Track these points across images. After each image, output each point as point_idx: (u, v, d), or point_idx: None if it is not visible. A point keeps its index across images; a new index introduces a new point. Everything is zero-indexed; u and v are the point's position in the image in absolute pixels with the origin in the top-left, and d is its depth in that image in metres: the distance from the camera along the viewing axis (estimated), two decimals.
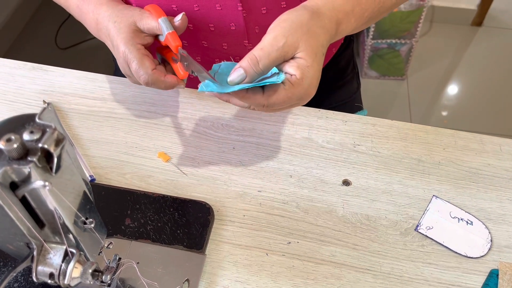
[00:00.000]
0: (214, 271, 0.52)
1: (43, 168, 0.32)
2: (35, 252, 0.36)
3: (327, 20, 0.50)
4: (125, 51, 0.54)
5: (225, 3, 0.61)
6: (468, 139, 0.64)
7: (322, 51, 0.49)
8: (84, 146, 0.62)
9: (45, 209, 0.35)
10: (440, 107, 1.85)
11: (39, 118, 0.33)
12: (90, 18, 0.59)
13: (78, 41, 1.91)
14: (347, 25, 0.53)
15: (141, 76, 0.54)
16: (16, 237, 0.36)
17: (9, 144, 0.30)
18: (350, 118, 0.66)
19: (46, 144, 0.31)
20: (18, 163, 0.31)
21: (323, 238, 0.55)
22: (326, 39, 0.50)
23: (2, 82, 0.69)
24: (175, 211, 0.55)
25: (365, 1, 0.54)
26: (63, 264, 0.37)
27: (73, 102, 0.67)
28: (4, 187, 0.31)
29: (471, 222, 0.56)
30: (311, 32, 0.48)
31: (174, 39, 0.54)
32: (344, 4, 0.52)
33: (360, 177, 0.60)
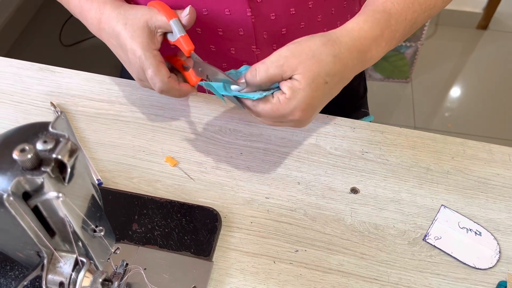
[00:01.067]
0: (222, 278, 0.52)
1: (56, 178, 0.32)
2: (46, 260, 0.36)
3: (344, 49, 0.49)
4: (141, 56, 0.54)
5: (234, 8, 0.61)
6: (477, 148, 0.63)
7: (324, 78, 0.49)
8: (91, 149, 0.62)
9: (56, 218, 0.35)
10: (444, 110, 1.84)
11: (52, 127, 0.33)
12: (92, 16, 0.58)
13: (83, 38, 1.90)
14: (377, 50, 0.52)
15: (156, 83, 0.54)
16: (27, 246, 0.35)
17: (23, 154, 0.30)
18: (358, 125, 0.66)
19: (60, 154, 0.31)
20: (31, 173, 0.31)
21: (331, 246, 0.54)
22: (336, 68, 0.49)
23: (9, 82, 0.69)
24: (183, 217, 0.55)
25: (394, 23, 0.53)
26: (73, 273, 0.36)
27: (80, 104, 0.67)
28: (17, 197, 0.31)
29: (480, 232, 0.56)
30: (316, 58, 0.48)
31: (187, 43, 0.54)
32: (371, 31, 0.51)
33: (368, 185, 0.60)
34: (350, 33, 0.51)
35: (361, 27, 0.51)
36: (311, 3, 0.64)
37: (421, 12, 0.56)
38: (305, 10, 0.65)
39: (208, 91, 0.58)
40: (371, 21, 0.52)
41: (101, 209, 0.41)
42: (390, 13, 0.53)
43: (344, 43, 0.50)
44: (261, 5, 0.61)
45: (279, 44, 0.67)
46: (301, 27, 0.66)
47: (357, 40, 0.50)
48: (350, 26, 0.52)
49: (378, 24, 0.52)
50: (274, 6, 0.62)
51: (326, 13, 0.67)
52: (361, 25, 0.52)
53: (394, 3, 0.54)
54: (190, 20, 0.56)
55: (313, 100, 0.49)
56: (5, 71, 0.70)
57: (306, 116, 0.50)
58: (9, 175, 0.31)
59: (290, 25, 0.65)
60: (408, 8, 0.54)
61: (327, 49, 0.49)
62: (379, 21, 0.52)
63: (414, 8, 0.55)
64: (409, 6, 0.55)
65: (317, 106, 0.50)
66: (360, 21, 0.52)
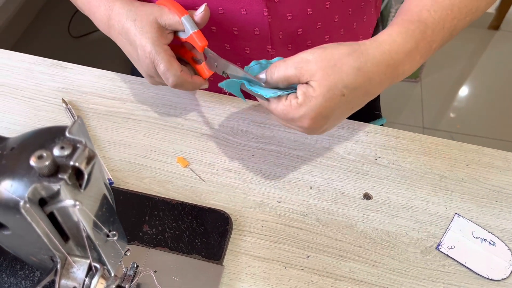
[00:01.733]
0: (232, 283, 0.51)
1: (73, 185, 0.31)
2: (59, 265, 0.36)
3: (370, 63, 0.46)
4: (151, 51, 0.53)
5: (251, 8, 0.60)
6: (492, 156, 0.62)
7: (342, 90, 0.46)
8: (103, 147, 0.62)
9: (70, 224, 0.34)
10: (453, 111, 1.83)
11: (69, 132, 0.32)
12: (101, 13, 0.58)
13: (91, 30, 1.89)
14: (411, 64, 0.49)
15: (169, 78, 0.53)
16: (41, 251, 0.35)
17: (41, 161, 0.30)
18: (372, 129, 0.65)
19: (78, 162, 0.30)
20: (48, 180, 0.30)
21: (343, 253, 0.54)
22: (358, 81, 0.46)
23: (21, 78, 0.68)
24: (194, 219, 0.55)
25: (431, 33, 0.49)
26: (87, 279, 0.36)
27: (91, 101, 0.66)
28: (33, 203, 0.30)
29: (494, 243, 0.55)
30: (337, 67, 0.46)
31: (200, 39, 0.54)
32: (404, 44, 0.48)
33: (381, 191, 0.59)
34: (380, 46, 0.48)
35: (394, 40, 0.48)
36: (329, 3, 0.64)
37: (461, 18, 0.51)
38: (322, 10, 0.64)
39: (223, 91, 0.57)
40: (405, 32, 0.48)
41: (115, 212, 0.40)
42: (426, 23, 0.49)
43: (371, 56, 0.47)
44: (278, 5, 0.60)
45: (294, 44, 0.67)
46: (318, 27, 0.66)
47: (387, 54, 0.47)
48: (382, 38, 0.48)
49: (412, 36, 0.48)
50: (291, 6, 0.61)
51: (343, 14, 0.66)
52: (394, 37, 0.48)
53: (430, 11, 0.50)
54: (204, 18, 0.55)
55: (325, 110, 0.47)
56: (18, 66, 0.70)
57: (316, 125, 0.48)
58: (25, 181, 0.31)
59: (307, 26, 0.64)
60: (446, 15, 0.50)
61: (350, 60, 0.46)
62: (414, 33, 0.48)
63: (454, 14, 0.51)
64: (448, 13, 0.50)
65: (329, 117, 0.48)
66: (394, 33, 0.48)
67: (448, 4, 0.51)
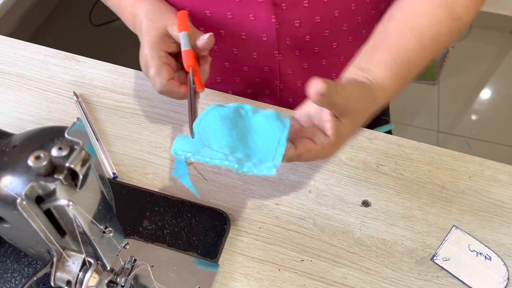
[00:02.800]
0: (226, 281, 0.53)
1: (68, 185, 0.33)
2: (55, 258, 0.37)
3: (375, 108, 0.49)
4: (147, 54, 0.54)
5: (259, 14, 0.60)
6: (496, 169, 0.62)
7: (354, 129, 0.49)
8: (110, 142, 0.63)
9: (67, 220, 0.36)
10: (470, 116, 1.80)
11: (68, 133, 0.34)
12: (129, 11, 0.59)
13: (112, 18, 1.92)
14: (384, 102, 0.52)
15: (156, 84, 0.54)
16: (38, 244, 0.37)
17: (38, 161, 0.31)
18: (376, 136, 0.65)
19: (73, 164, 0.32)
20: (45, 179, 0.32)
21: (337, 259, 0.54)
22: (371, 110, 0.49)
23: (36, 69, 0.70)
24: (193, 217, 0.56)
25: (411, 77, 0.52)
26: (81, 273, 0.38)
27: (102, 95, 0.68)
28: (30, 200, 0.32)
29: (490, 257, 0.55)
30: (365, 112, 0.48)
31: (187, 58, 0.53)
32: (393, 89, 0.51)
33: (380, 199, 0.59)
34: (383, 90, 0.49)
35: (390, 84, 0.50)
36: (337, 12, 0.63)
37: (435, 53, 0.54)
38: (331, 18, 0.64)
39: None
40: (394, 79, 0.50)
41: (112, 210, 0.42)
42: (409, 69, 0.52)
43: (377, 103, 0.49)
44: (286, 12, 0.61)
45: (301, 50, 0.67)
46: (325, 35, 0.66)
47: (382, 98, 0.50)
48: (381, 81, 0.49)
49: (397, 81, 0.51)
50: (299, 13, 0.61)
51: (352, 22, 0.66)
52: (385, 84, 0.50)
53: (417, 55, 0.52)
54: (205, 47, 0.54)
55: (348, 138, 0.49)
56: (33, 58, 0.72)
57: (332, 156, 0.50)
58: (24, 179, 0.32)
59: (314, 33, 0.65)
60: (424, 58, 0.53)
61: (370, 107, 0.49)
62: (398, 78, 0.51)
63: (431, 56, 0.53)
64: (426, 56, 0.53)
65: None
66: (385, 78, 0.50)
67: (429, 47, 0.53)
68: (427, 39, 0.52)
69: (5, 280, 0.50)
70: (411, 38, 0.52)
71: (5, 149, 0.35)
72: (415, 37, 0.52)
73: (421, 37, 0.52)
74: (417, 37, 0.52)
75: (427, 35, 0.52)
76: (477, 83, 1.88)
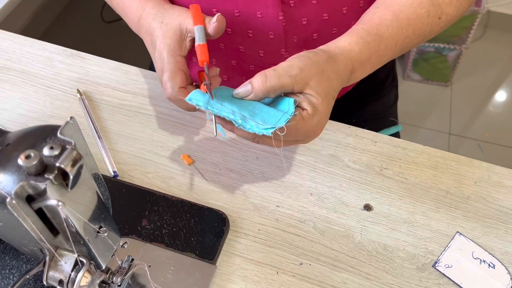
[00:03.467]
0: (223, 283, 0.52)
1: (59, 184, 0.33)
2: (47, 258, 0.37)
3: (342, 66, 0.50)
4: (164, 59, 0.53)
5: (266, 11, 0.60)
6: (503, 175, 0.61)
7: (333, 94, 0.49)
8: (112, 140, 0.63)
9: (59, 220, 0.36)
10: (483, 118, 1.77)
11: (60, 133, 0.33)
12: (133, 13, 0.59)
13: None
14: (362, 73, 0.53)
15: (167, 89, 0.53)
16: (31, 243, 0.37)
17: (28, 161, 0.31)
18: (380, 139, 0.64)
19: (63, 164, 0.31)
20: (35, 179, 0.32)
21: (336, 263, 0.54)
22: (338, 84, 0.50)
23: (41, 66, 0.71)
24: (192, 218, 0.56)
25: (384, 48, 0.53)
26: (73, 273, 0.37)
27: (105, 93, 0.68)
28: (20, 200, 0.32)
29: (494, 265, 0.54)
30: (324, 73, 0.48)
31: (201, 53, 0.52)
32: (360, 54, 0.51)
33: (382, 203, 0.58)
34: (343, 52, 0.51)
35: (352, 48, 0.51)
36: (345, 9, 0.63)
37: (413, 37, 0.55)
38: (339, 16, 0.63)
39: None
40: (362, 43, 0.52)
41: (107, 209, 0.42)
42: (381, 37, 0.53)
43: (340, 61, 0.50)
44: (293, 10, 0.60)
45: (309, 48, 0.66)
46: (333, 32, 0.65)
47: (348, 60, 0.51)
48: (342, 45, 0.51)
49: (368, 47, 0.52)
50: (307, 11, 0.61)
51: None
52: (352, 46, 0.51)
53: (388, 26, 0.53)
54: (217, 29, 0.53)
55: (327, 114, 0.49)
56: (39, 55, 0.72)
57: (319, 132, 0.50)
58: (14, 178, 0.32)
59: (322, 30, 0.64)
60: (401, 33, 0.54)
61: (330, 66, 0.49)
62: (369, 45, 0.52)
63: (408, 33, 0.54)
64: (403, 31, 0.54)
65: (327, 120, 0.50)
66: (352, 41, 0.52)
67: (405, 23, 0.54)
68: (403, 16, 0.54)
69: (3, 276, 0.50)
70: (386, 12, 0.54)
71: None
72: (390, 12, 0.54)
73: (396, 12, 0.54)
74: (392, 12, 0.54)
75: (403, 12, 0.54)
76: (491, 85, 1.85)
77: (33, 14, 1.70)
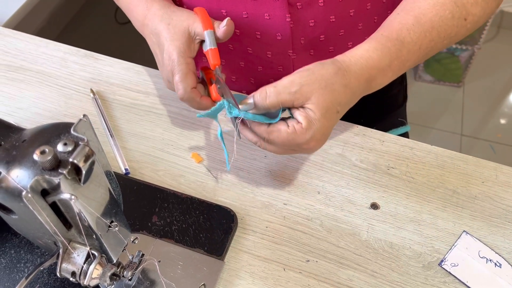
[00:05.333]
0: (231, 279, 0.53)
1: (72, 179, 0.34)
2: (61, 250, 0.39)
3: (353, 78, 0.49)
4: (174, 60, 0.55)
5: (274, 13, 0.61)
6: (510, 175, 0.61)
7: (336, 108, 0.49)
8: (123, 138, 0.65)
9: (72, 213, 0.37)
10: (495, 119, 1.76)
11: (74, 130, 0.35)
12: (139, 12, 0.60)
13: None
14: (383, 80, 0.52)
15: (179, 90, 0.55)
16: (45, 236, 0.38)
17: (43, 156, 0.32)
18: (388, 138, 0.65)
19: (76, 159, 0.33)
20: (49, 173, 0.33)
21: (343, 260, 0.54)
22: (347, 97, 0.49)
23: (56, 66, 0.73)
24: (201, 214, 0.57)
25: (406, 53, 0.52)
26: (85, 265, 0.39)
27: (117, 92, 0.69)
28: (36, 193, 0.33)
29: (500, 264, 0.54)
30: (329, 87, 0.48)
31: (214, 57, 0.54)
32: (379, 61, 0.50)
33: (389, 202, 0.59)
34: (358, 62, 0.50)
35: (370, 56, 0.50)
36: (353, 11, 0.63)
37: (439, 41, 0.54)
38: (346, 18, 0.64)
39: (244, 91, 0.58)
40: (381, 49, 0.51)
41: (118, 205, 0.43)
42: (403, 43, 0.52)
43: (353, 72, 0.49)
44: (301, 12, 0.61)
45: (316, 49, 0.67)
46: (340, 34, 0.66)
47: (365, 70, 0.50)
48: (359, 54, 0.51)
49: (388, 54, 0.51)
50: (314, 13, 0.61)
51: (367, 21, 0.66)
52: (370, 53, 0.50)
53: (410, 31, 0.52)
54: (226, 33, 0.55)
55: (327, 129, 0.49)
56: (54, 55, 0.74)
57: (319, 145, 0.50)
58: (29, 173, 0.33)
59: (329, 32, 0.65)
60: (424, 37, 0.52)
61: (338, 79, 0.48)
62: (390, 51, 0.51)
63: (432, 37, 0.53)
64: (426, 35, 0.53)
65: (328, 134, 0.50)
66: (370, 49, 0.51)
67: (428, 27, 0.53)
68: (425, 19, 0.52)
69: (18, 270, 0.52)
70: (406, 17, 0.53)
71: (15, 143, 0.37)
72: (411, 16, 0.53)
73: (418, 16, 0.53)
74: (414, 16, 0.53)
75: (425, 16, 0.53)
76: (503, 86, 1.83)
77: (49, 16, 1.73)
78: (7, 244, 0.53)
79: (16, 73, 0.72)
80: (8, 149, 0.36)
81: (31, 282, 0.52)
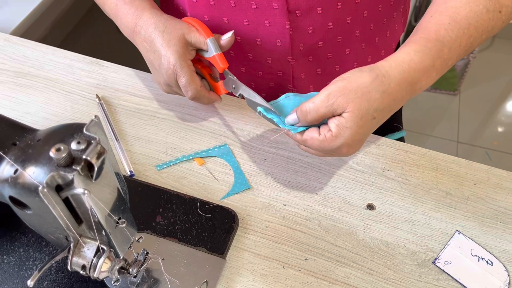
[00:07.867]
0: (232, 276, 0.55)
1: (85, 175, 0.36)
2: (72, 244, 0.41)
3: (394, 84, 0.49)
4: (176, 64, 0.57)
5: (274, 20, 0.63)
6: (502, 177, 0.63)
7: (372, 115, 0.49)
8: (128, 142, 0.67)
9: (83, 209, 0.39)
10: (491, 127, 1.79)
11: (86, 129, 0.37)
12: (129, 20, 0.62)
13: None
14: (427, 81, 0.52)
15: (189, 91, 0.58)
16: (57, 230, 0.40)
17: (59, 153, 0.34)
18: (383, 142, 0.67)
19: (89, 156, 0.35)
20: (64, 170, 0.35)
21: (340, 259, 0.56)
22: (384, 103, 0.49)
23: (63, 73, 0.75)
24: (203, 215, 0.59)
25: (447, 51, 0.52)
26: (95, 259, 0.41)
27: (122, 98, 0.72)
28: (51, 189, 0.35)
29: (492, 262, 0.56)
30: (365, 96, 0.48)
31: (222, 61, 0.58)
32: (421, 63, 0.50)
33: (385, 202, 0.61)
34: (399, 66, 0.50)
35: (412, 59, 0.50)
36: (350, 18, 0.66)
37: (477, 36, 0.54)
38: (343, 25, 0.66)
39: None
40: (422, 51, 0.51)
41: (125, 202, 0.45)
42: (443, 42, 0.52)
43: (393, 77, 0.49)
44: (300, 19, 0.64)
45: (314, 56, 0.70)
46: (338, 41, 0.68)
47: (406, 73, 0.50)
48: (400, 58, 0.51)
49: (429, 54, 0.51)
50: (312, 20, 0.64)
51: (364, 29, 0.69)
52: (411, 56, 0.50)
53: (448, 30, 0.52)
54: (229, 43, 0.60)
55: (360, 135, 0.50)
56: (60, 62, 0.76)
57: (353, 151, 0.52)
58: (45, 170, 0.36)
59: (327, 39, 0.67)
60: (463, 34, 0.52)
61: (376, 86, 0.49)
62: (431, 51, 0.51)
63: (470, 33, 0.53)
64: (464, 31, 0.52)
65: (363, 139, 0.52)
66: (411, 51, 0.51)
67: (465, 23, 0.53)
68: (460, 17, 0.52)
69: (27, 268, 0.54)
70: (441, 18, 0.53)
71: (30, 143, 0.39)
72: (445, 16, 0.53)
73: (452, 15, 0.52)
74: (448, 16, 0.53)
75: (460, 14, 0.52)
76: (499, 94, 1.86)
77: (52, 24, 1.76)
78: (16, 243, 0.55)
79: (24, 79, 0.74)
80: (23, 148, 0.39)
81: (39, 279, 0.54)
